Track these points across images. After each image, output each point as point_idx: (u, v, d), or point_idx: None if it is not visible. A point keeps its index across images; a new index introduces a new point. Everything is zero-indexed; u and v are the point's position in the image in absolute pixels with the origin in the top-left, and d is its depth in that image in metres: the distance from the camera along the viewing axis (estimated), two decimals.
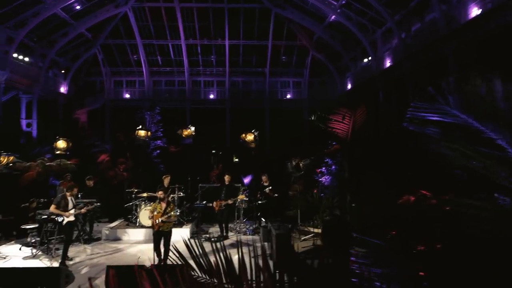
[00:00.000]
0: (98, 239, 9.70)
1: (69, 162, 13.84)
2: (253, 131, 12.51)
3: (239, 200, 10.87)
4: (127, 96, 30.92)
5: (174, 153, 21.13)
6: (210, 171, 16.77)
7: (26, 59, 23.22)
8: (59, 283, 6.10)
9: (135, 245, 9.14)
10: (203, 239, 9.52)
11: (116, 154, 19.96)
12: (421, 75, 18.31)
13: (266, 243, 8.14)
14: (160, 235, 7.37)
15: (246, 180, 17.99)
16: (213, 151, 27.54)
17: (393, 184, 11.23)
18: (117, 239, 9.71)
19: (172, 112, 27.42)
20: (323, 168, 14.90)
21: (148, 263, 7.53)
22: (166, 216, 7.24)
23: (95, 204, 9.38)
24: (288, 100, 31.89)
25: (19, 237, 10.00)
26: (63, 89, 27.53)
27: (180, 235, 9.41)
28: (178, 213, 7.43)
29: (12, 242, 9.61)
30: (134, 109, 29.56)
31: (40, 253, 8.32)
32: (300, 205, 12.80)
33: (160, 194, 7.41)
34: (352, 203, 12.72)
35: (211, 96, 31.46)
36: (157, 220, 7.23)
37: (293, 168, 10.95)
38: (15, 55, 21.79)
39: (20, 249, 8.73)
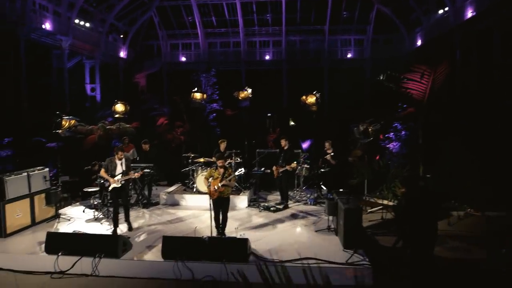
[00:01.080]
0: (157, 203, 9.62)
1: (128, 125, 13.95)
2: (314, 92, 11.44)
3: (298, 168, 10.12)
4: (183, 59, 30.84)
5: (229, 116, 20.75)
6: (266, 135, 16.12)
7: (87, 24, 23.73)
8: (116, 250, 5.93)
9: (193, 212, 8.88)
10: (261, 208, 9.01)
11: (174, 117, 20.05)
12: None
13: (331, 217, 7.37)
14: (219, 203, 6.89)
15: (305, 145, 17.15)
16: (268, 114, 26.61)
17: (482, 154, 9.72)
18: (175, 204, 9.56)
19: (227, 75, 26.81)
20: (391, 133, 13.54)
21: (205, 233, 7.19)
22: (226, 180, 6.73)
23: (148, 170, 9.24)
24: (349, 60, 29.71)
25: (84, 198, 10.27)
26: (122, 54, 28.06)
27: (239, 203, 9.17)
28: (242, 172, 6.83)
29: (77, 203, 9.88)
30: (190, 72, 29.56)
31: (101, 216, 8.37)
32: (365, 173, 11.80)
33: (220, 163, 6.86)
34: (426, 173, 11.42)
35: (267, 57, 30.27)
36: (215, 187, 6.73)
37: (361, 133, 9.85)
38: (76, 20, 22.30)
39: (83, 211, 8.90)
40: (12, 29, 17.50)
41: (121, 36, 28.01)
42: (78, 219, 8.30)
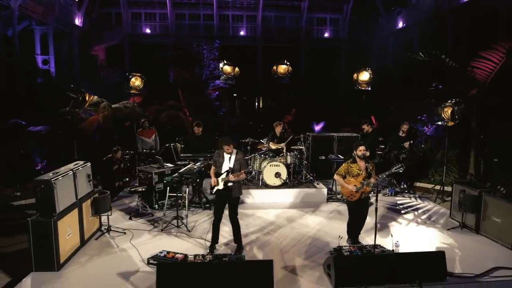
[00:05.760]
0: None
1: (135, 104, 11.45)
2: (368, 68, 10.16)
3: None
4: (148, 31, 27.40)
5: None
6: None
7: None
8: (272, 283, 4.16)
9: (275, 212, 7.09)
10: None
11: (152, 96, 17.40)
12: None
13: (464, 213, 6.27)
14: (361, 204, 5.37)
15: (318, 128, 15.98)
16: (235, 94, 24.78)
17: None
18: (239, 203, 7.72)
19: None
20: (424, 116, 12.91)
21: (323, 240, 5.68)
22: (375, 177, 5.24)
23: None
24: (325, 40, 28.88)
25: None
26: (78, 21, 23.98)
27: None
28: (403, 168, 5.27)
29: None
30: (155, 47, 26.37)
31: (165, 224, 6.30)
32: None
33: (362, 151, 5.28)
34: (478, 156, 10.94)
35: (241, 33, 28.17)
36: (358, 185, 5.20)
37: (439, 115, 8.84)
38: None
39: (130, 218, 6.67)
40: None
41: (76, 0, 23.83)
42: (136, 231, 6.13)
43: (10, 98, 13.66)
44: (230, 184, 5.24)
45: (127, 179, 9.26)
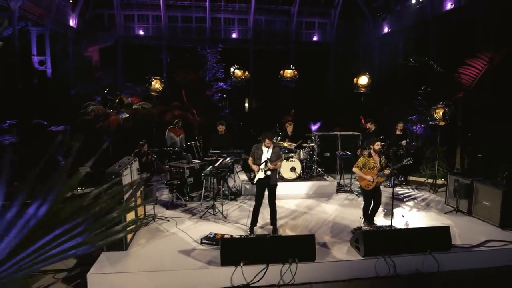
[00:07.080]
0: (237, 193, 8.54)
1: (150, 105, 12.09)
2: (366, 73, 11.22)
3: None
4: (141, 33, 27.84)
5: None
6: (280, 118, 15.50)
7: None
8: (314, 252, 5.06)
9: (294, 202, 7.99)
10: (357, 193, 8.61)
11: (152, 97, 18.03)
12: (499, 22, 16.85)
13: (458, 199, 7.35)
14: (375, 191, 6.36)
15: (314, 127, 16.99)
16: (225, 95, 25.61)
17: None
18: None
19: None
20: (414, 116, 14.11)
21: (341, 221, 6.62)
22: (388, 169, 6.21)
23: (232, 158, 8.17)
24: (314, 43, 30.06)
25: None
26: (72, 22, 24.20)
27: None
28: (411, 161, 6.27)
29: None
30: (148, 48, 26.90)
31: (201, 213, 7.09)
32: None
33: (378, 145, 6.28)
34: (463, 153, 12.16)
35: (233, 36, 28.96)
36: (373, 177, 6.19)
37: (432, 117, 9.97)
38: None
39: (167, 208, 7.44)
40: None
41: (71, 0, 24.04)
42: (178, 218, 6.91)
43: (12, 98, 14.04)
44: (268, 173, 6.11)
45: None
